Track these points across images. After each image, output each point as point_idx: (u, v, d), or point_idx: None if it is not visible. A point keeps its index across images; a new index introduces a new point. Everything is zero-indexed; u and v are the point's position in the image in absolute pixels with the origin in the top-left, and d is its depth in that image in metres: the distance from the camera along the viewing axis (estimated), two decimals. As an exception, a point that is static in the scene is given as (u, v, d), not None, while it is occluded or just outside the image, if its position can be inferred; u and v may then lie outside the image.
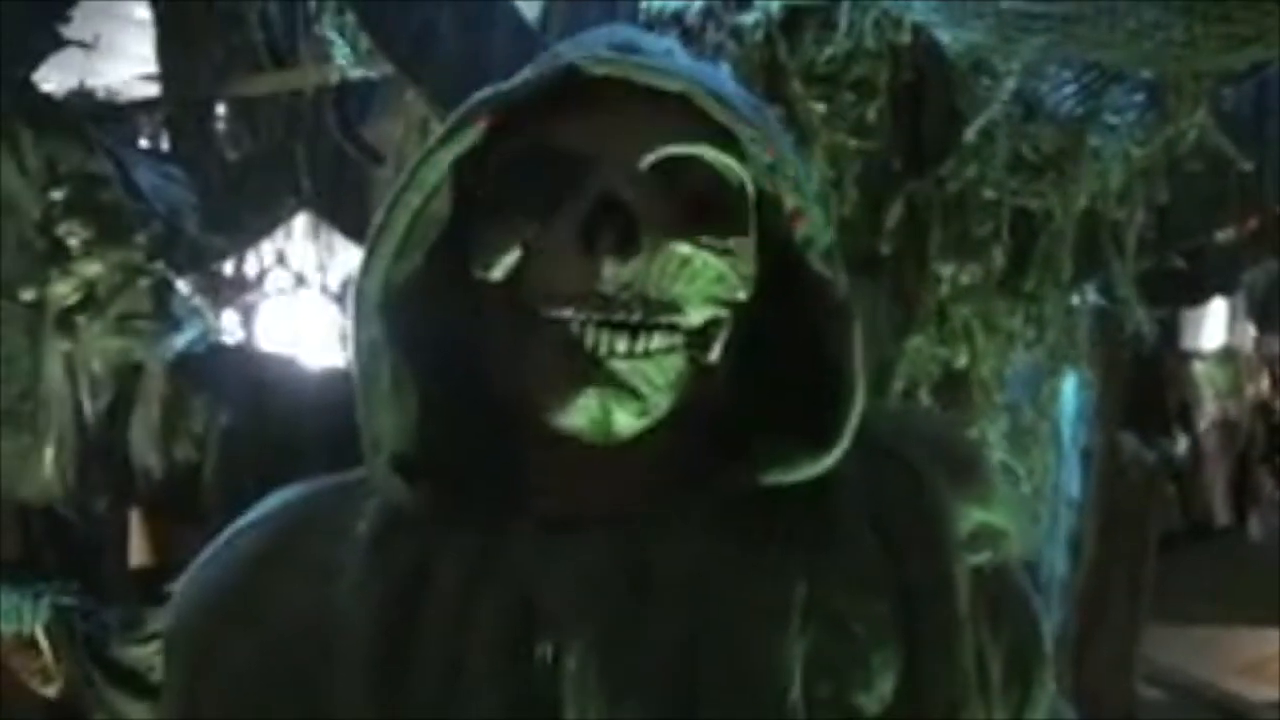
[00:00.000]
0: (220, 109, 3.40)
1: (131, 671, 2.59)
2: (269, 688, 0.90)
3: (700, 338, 0.87)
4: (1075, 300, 2.48)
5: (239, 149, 3.31)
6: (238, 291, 3.37)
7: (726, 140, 0.86)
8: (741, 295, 0.87)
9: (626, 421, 0.84)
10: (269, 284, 3.42)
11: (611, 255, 0.81)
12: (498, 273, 0.84)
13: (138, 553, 3.13)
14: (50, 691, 3.11)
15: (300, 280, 3.38)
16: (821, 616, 0.86)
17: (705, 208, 0.86)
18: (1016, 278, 1.67)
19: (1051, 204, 1.61)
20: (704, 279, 0.86)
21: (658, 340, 0.84)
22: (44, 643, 2.96)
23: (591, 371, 0.83)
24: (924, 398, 1.64)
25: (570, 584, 0.86)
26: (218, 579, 0.96)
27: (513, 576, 0.86)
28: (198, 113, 3.31)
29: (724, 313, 0.87)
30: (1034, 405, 2.15)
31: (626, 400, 0.84)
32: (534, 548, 0.87)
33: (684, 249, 0.84)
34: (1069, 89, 1.54)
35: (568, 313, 0.82)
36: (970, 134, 1.62)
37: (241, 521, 0.99)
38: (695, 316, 0.86)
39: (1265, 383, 13.29)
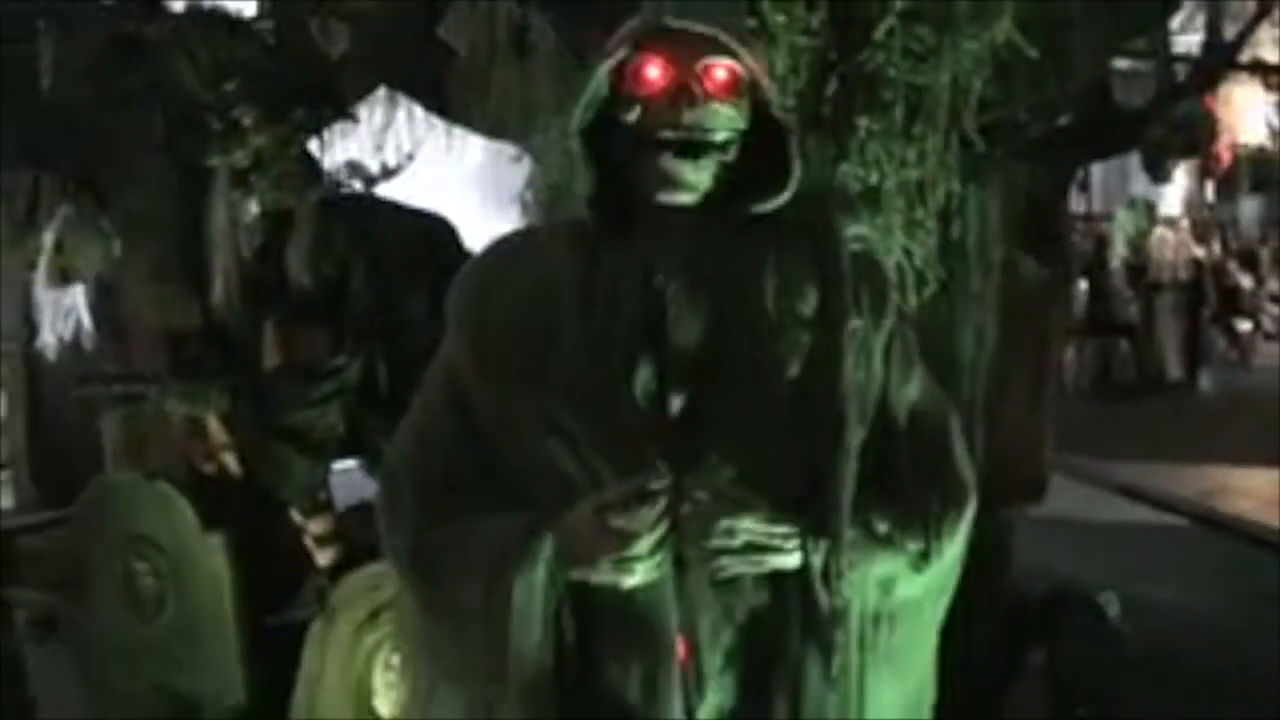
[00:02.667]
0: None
1: (295, 431, 3.57)
2: (515, 328, 1.79)
3: (722, 148, 1.78)
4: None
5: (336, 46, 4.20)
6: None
7: (734, 53, 1.78)
8: (742, 126, 1.80)
9: (691, 181, 1.75)
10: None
11: (689, 109, 1.73)
12: (632, 117, 1.77)
13: (270, 357, 4.08)
14: (210, 469, 4.08)
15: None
16: (782, 291, 1.81)
17: (726, 85, 1.77)
18: (908, 125, 2.63)
19: (929, 79, 2.57)
20: (724, 119, 1.78)
21: (704, 153, 1.74)
22: (213, 429, 3.93)
23: (677, 162, 1.73)
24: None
25: (669, 263, 1.75)
26: (480, 272, 1.90)
27: (641, 262, 1.76)
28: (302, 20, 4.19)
29: (734, 135, 1.78)
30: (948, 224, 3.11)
31: (689, 177, 1.74)
32: (651, 247, 1.77)
33: (715, 105, 1.77)
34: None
35: (668, 135, 1.73)
36: (879, 34, 2.59)
37: (489, 244, 1.95)
38: (720, 137, 1.77)
39: (1218, 246, 14.21)
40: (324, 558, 3.78)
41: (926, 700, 1.95)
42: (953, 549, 1.83)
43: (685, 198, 1.75)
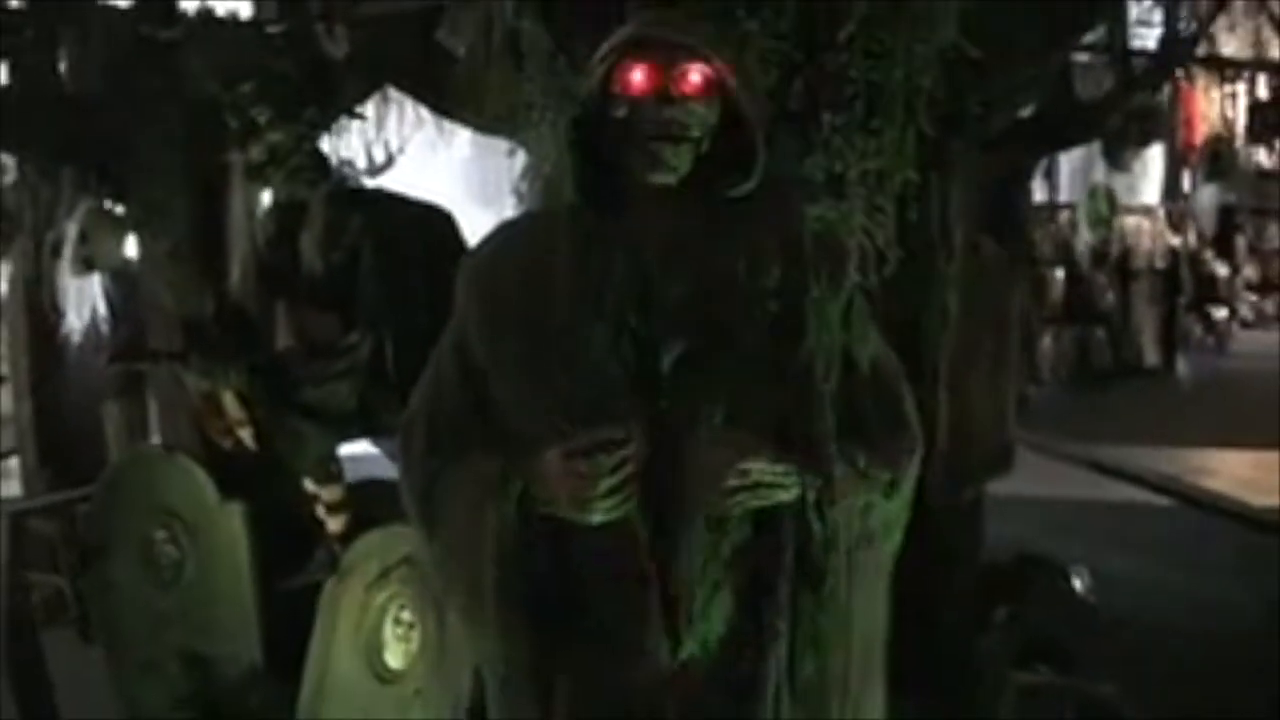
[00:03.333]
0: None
1: (309, 406, 3.85)
2: (518, 295, 2.10)
3: (697, 140, 2.07)
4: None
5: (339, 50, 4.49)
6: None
7: (706, 57, 2.07)
8: (713, 120, 2.08)
9: (673, 163, 2.03)
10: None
11: (668, 107, 2.02)
12: (620, 113, 2.05)
13: (281, 339, 4.37)
14: (227, 443, 4.35)
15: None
16: (752, 264, 2.11)
17: (699, 86, 2.05)
18: (867, 119, 2.93)
19: (885, 77, 2.88)
20: (698, 116, 2.06)
21: (682, 142, 2.05)
22: (229, 405, 4.21)
23: (659, 144, 2.04)
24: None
25: (653, 238, 2.06)
26: (490, 250, 2.20)
27: (629, 238, 2.06)
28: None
29: (707, 129, 2.07)
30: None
31: (670, 162, 2.04)
32: (638, 225, 2.07)
33: (690, 104, 2.05)
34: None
35: (651, 129, 2.01)
36: (841, 37, 2.89)
37: (499, 225, 2.24)
38: (696, 131, 2.05)
39: (1194, 235, 14.52)
40: (335, 524, 4.07)
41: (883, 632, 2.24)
42: (909, 483, 2.13)
43: (668, 178, 2.04)
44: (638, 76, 2.03)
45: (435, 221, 3.93)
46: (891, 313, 3.65)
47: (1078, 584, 5.17)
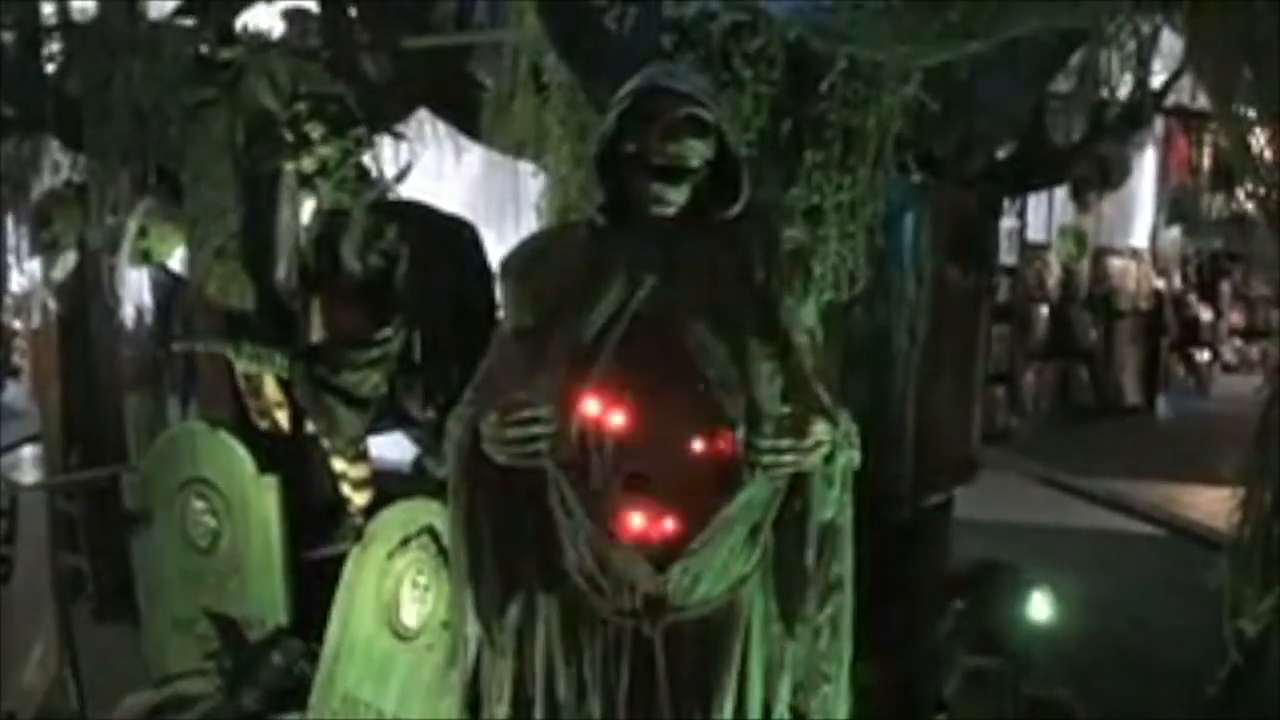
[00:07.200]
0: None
1: (344, 390, 4.31)
2: (545, 289, 2.60)
3: (696, 172, 2.56)
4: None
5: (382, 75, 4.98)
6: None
7: (705, 105, 2.55)
8: (709, 156, 2.57)
9: (673, 199, 2.54)
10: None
11: (672, 144, 2.51)
12: (632, 148, 2.54)
13: (315, 332, 4.81)
14: (264, 424, 4.80)
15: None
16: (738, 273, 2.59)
17: (698, 128, 2.55)
18: (844, 158, 3.42)
19: (860, 123, 3.38)
20: (697, 151, 2.55)
21: (681, 179, 2.54)
22: (269, 389, 4.66)
23: (662, 186, 2.53)
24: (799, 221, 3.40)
25: (647, 258, 2.56)
26: (522, 253, 2.68)
27: (627, 255, 2.56)
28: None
29: (703, 163, 2.56)
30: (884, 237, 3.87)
31: (671, 196, 2.54)
32: (639, 240, 2.57)
33: (692, 142, 2.54)
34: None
35: (659, 160, 2.51)
36: (823, 86, 3.40)
37: (535, 233, 2.74)
38: (694, 162, 2.55)
39: (1178, 279, 14.87)
40: (360, 499, 4.52)
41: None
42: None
43: (668, 211, 2.53)
44: (648, 116, 2.52)
45: (462, 233, 4.42)
46: (864, 331, 4.16)
47: (1037, 597, 5.56)
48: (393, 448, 4.86)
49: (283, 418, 4.59)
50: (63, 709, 4.51)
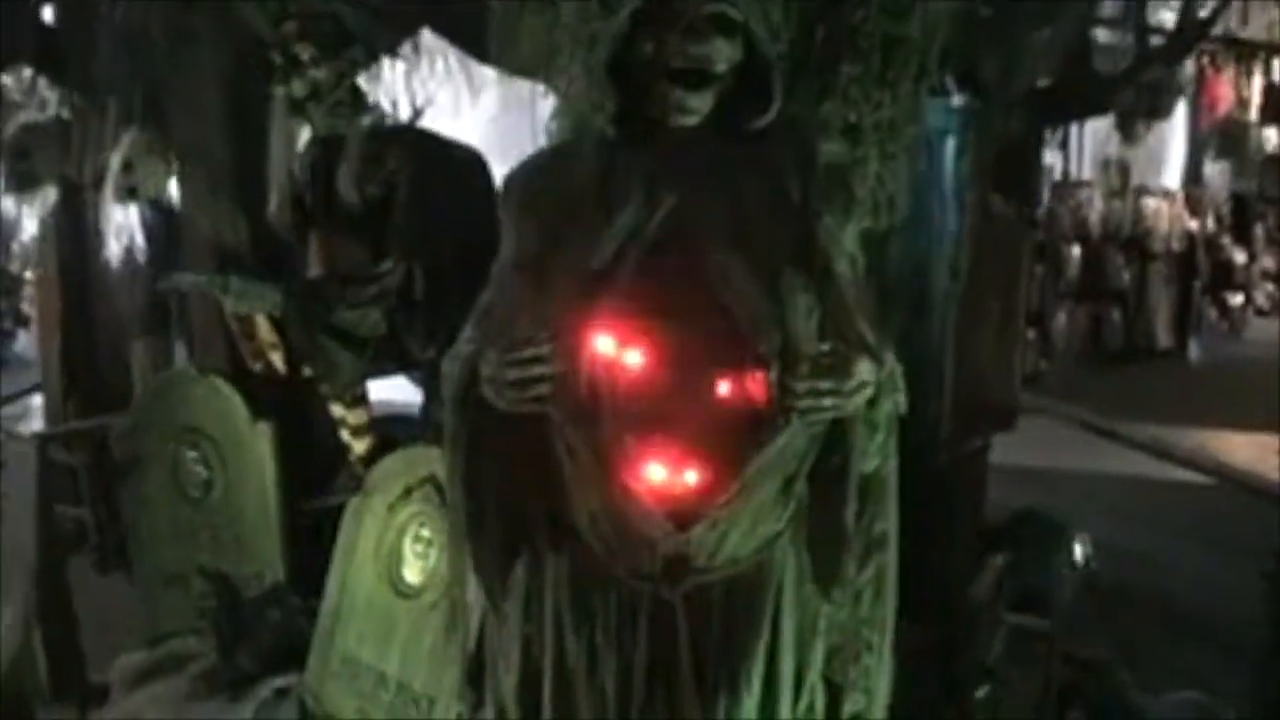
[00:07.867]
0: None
1: (342, 330, 4.02)
2: (550, 209, 2.29)
3: (721, 77, 2.24)
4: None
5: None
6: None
7: (732, 1, 2.23)
8: (737, 58, 2.25)
9: (695, 108, 2.22)
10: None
11: (694, 44, 2.19)
12: (649, 50, 2.22)
13: (312, 267, 4.52)
14: (258, 367, 4.52)
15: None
16: (772, 186, 2.28)
17: (724, 26, 2.23)
18: (884, 71, 3.09)
19: (902, 31, 3.04)
20: (723, 53, 2.23)
21: (703, 85, 2.22)
22: (262, 329, 4.38)
23: (683, 92, 2.21)
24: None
25: (667, 174, 2.25)
26: (523, 172, 2.37)
27: (648, 166, 2.25)
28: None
29: (730, 66, 2.24)
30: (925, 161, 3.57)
31: (693, 104, 2.22)
32: (657, 155, 2.25)
33: (717, 42, 2.22)
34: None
35: (679, 64, 2.20)
36: None
37: (535, 151, 2.41)
38: (720, 66, 2.23)
39: (1212, 220, 14.56)
40: (360, 446, 4.25)
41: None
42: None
43: (689, 121, 2.21)
44: (666, 14, 2.20)
45: (467, 161, 4.10)
46: (902, 265, 3.87)
47: (1077, 548, 5.32)
48: (397, 390, 4.59)
49: (278, 360, 4.29)
50: (26, 684, 4.24)
